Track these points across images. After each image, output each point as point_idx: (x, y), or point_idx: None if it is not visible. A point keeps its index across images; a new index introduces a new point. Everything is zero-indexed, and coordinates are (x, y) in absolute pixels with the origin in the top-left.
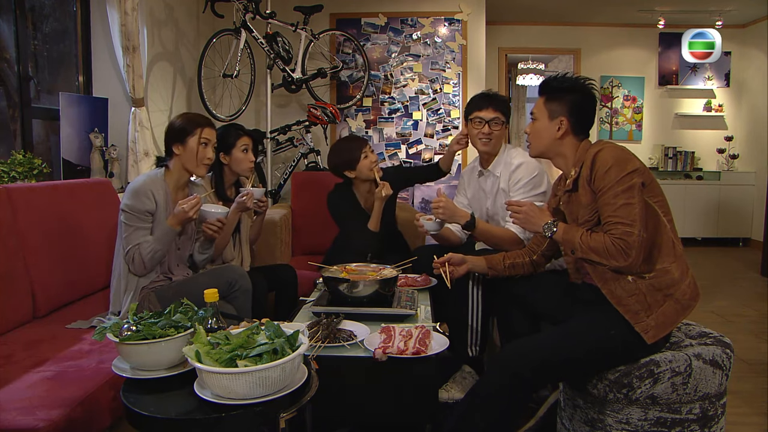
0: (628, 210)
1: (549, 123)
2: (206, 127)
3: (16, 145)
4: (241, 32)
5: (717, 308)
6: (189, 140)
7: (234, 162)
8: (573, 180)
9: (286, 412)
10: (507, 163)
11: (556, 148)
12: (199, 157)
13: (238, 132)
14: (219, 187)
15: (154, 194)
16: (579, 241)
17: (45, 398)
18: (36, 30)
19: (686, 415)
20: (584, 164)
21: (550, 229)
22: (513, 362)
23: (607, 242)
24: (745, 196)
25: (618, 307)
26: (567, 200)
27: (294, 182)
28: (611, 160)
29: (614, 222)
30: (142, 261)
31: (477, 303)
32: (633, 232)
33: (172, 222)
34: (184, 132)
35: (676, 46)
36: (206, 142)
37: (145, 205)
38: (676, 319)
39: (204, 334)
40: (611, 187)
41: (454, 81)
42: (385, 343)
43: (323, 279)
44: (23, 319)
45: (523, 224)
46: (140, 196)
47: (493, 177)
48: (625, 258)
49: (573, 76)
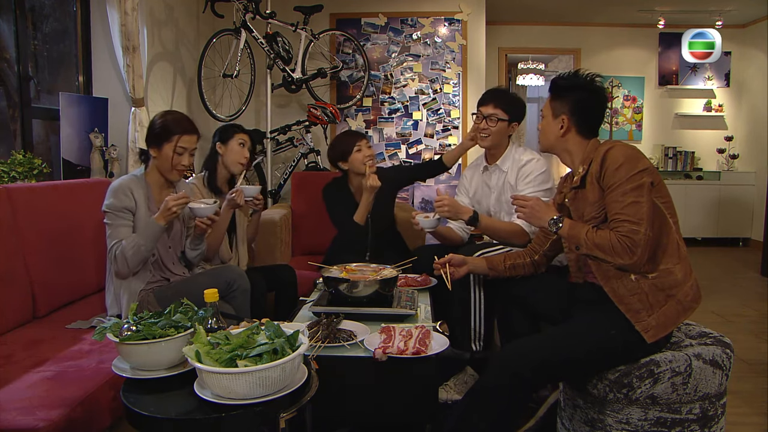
0: (636, 208)
1: (552, 121)
2: (184, 134)
3: (16, 145)
4: (241, 32)
5: (717, 308)
6: (165, 146)
7: (229, 153)
8: (581, 177)
9: (286, 412)
10: (516, 160)
11: (561, 145)
12: (173, 164)
13: (238, 128)
14: (212, 182)
15: (132, 192)
16: (584, 237)
17: (45, 398)
18: (36, 30)
19: (686, 415)
20: (593, 161)
21: (555, 224)
22: (513, 362)
23: (613, 239)
24: (745, 196)
25: (619, 306)
26: (573, 197)
27: (294, 182)
28: (622, 158)
29: (621, 219)
30: (124, 258)
31: (479, 303)
32: (639, 231)
33: (158, 217)
34: (160, 137)
35: (676, 46)
36: (182, 152)
37: (123, 202)
38: (677, 320)
39: (204, 334)
40: (620, 185)
41: (454, 81)
42: (385, 343)
43: (323, 279)
44: (23, 319)
45: (529, 219)
46: (118, 194)
47: (499, 171)
48: (630, 256)
49: (579, 74)
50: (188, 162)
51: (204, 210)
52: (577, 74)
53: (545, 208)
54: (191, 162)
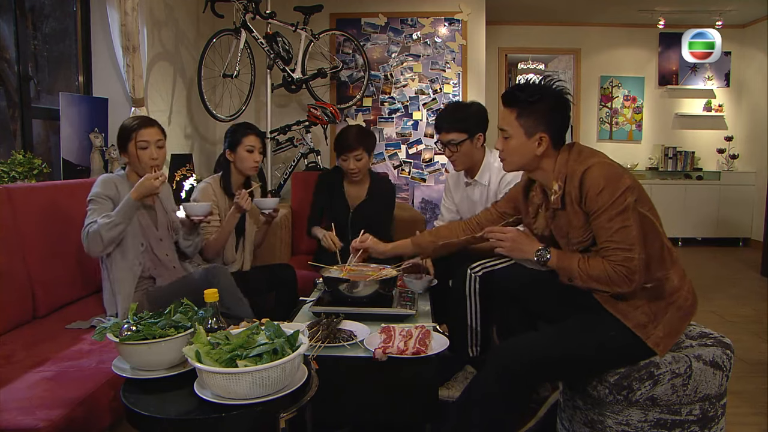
0: (626, 233)
1: (527, 140)
2: (141, 129)
3: (16, 145)
4: (241, 32)
5: (717, 308)
6: (128, 146)
7: (238, 160)
8: (559, 197)
9: (286, 412)
10: (496, 168)
11: (536, 164)
12: (142, 162)
13: (246, 131)
14: (226, 185)
15: (117, 186)
16: (577, 268)
17: (45, 398)
18: (36, 30)
19: (686, 416)
20: (569, 181)
21: (542, 257)
22: (505, 358)
23: (609, 270)
24: (745, 196)
25: (626, 322)
26: (553, 216)
27: (294, 182)
28: (603, 181)
29: (613, 248)
30: (98, 233)
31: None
32: (634, 257)
33: (133, 192)
34: (123, 139)
35: (676, 46)
36: (145, 145)
37: (106, 191)
38: (681, 326)
39: (204, 334)
40: (605, 210)
41: (454, 81)
42: (385, 343)
43: (323, 279)
44: (23, 319)
45: (511, 253)
46: (103, 184)
47: (480, 186)
48: (629, 284)
49: (541, 84)
50: (156, 155)
51: (195, 208)
52: (543, 85)
53: (526, 239)
54: (161, 155)
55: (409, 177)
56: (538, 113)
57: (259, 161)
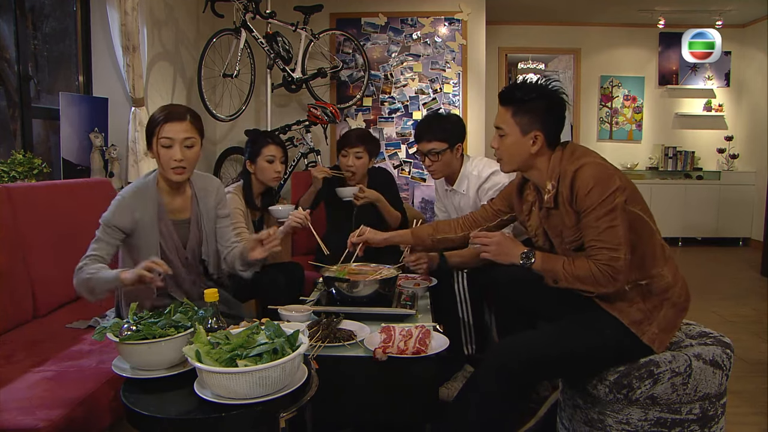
0: (612, 233)
1: (522, 138)
2: (166, 123)
3: (16, 145)
4: (241, 32)
5: (717, 308)
6: (153, 142)
7: (259, 171)
8: (552, 196)
9: (286, 412)
10: (474, 177)
11: (531, 162)
12: (164, 164)
13: (266, 140)
14: (247, 195)
15: (135, 211)
16: (562, 270)
17: (45, 398)
18: (36, 30)
19: (686, 416)
20: (561, 180)
21: (528, 260)
22: (504, 357)
23: (594, 269)
24: (745, 196)
25: (622, 319)
26: (546, 215)
27: (294, 182)
28: (592, 181)
29: (599, 247)
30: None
31: (465, 300)
32: (619, 257)
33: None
34: (149, 134)
35: (676, 46)
36: (169, 143)
37: (116, 220)
38: (676, 321)
39: (204, 334)
40: (594, 209)
41: (454, 81)
42: (385, 343)
43: (323, 279)
44: (23, 318)
45: (497, 257)
46: (117, 210)
47: (459, 194)
48: (613, 284)
49: (538, 83)
50: (180, 156)
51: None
52: (539, 85)
53: (511, 243)
54: (190, 157)
55: (409, 177)
56: (533, 112)
57: (281, 171)
